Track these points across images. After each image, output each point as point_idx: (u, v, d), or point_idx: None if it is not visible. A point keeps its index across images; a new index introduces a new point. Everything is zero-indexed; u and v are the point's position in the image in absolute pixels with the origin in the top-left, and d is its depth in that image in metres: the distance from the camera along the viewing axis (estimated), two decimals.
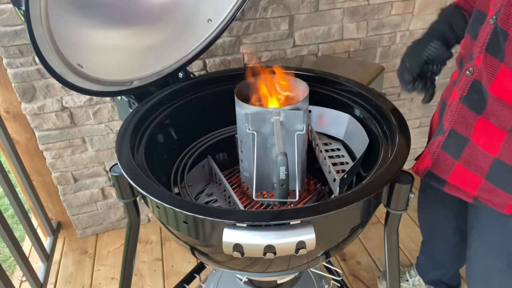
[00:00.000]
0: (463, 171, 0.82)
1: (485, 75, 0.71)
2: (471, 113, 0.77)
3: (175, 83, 0.99)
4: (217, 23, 1.01)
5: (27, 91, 1.33)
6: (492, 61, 0.69)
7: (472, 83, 0.75)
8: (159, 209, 0.70)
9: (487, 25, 0.70)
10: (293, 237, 0.60)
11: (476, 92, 0.74)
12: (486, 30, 0.70)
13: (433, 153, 0.86)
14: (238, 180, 1.00)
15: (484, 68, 0.71)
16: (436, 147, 0.85)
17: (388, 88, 1.75)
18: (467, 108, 0.77)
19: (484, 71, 0.71)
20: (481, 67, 0.71)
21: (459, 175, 0.83)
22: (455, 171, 0.84)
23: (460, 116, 0.79)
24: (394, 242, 0.79)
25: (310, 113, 0.96)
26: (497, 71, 0.68)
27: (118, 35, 0.91)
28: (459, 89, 0.78)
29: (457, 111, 0.79)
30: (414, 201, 1.45)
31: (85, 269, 1.60)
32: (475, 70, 0.74)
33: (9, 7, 1.19)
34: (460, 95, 0.78)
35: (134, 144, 0.81)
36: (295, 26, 1.47)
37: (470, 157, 0.80)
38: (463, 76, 0.77)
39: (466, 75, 0.76)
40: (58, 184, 1.57)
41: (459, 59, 0.85)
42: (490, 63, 0.69)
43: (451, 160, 0.83)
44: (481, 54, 0.71)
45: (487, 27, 0.70)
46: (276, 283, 1.03)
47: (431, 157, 0.87)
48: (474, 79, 0.74)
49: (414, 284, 1.41)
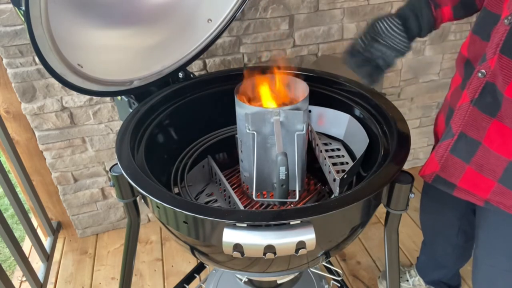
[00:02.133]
0: (474, 175, 0.81)
1: (501, 77, 0.69)
2: (483, 116, 0.75)
3: (175, 83, 0.99)
4: (217, 23, 1.01)
5: (27, 91, 1.33)
6: (508, 63, 0.68)
7: (484, 86, 0.73)
8: (159, 209, 0.70)
9: (501, 25, 0.68)
10: (293, 237, 0.60)
11: (489, 95, 0.73)
12: (500, 31, 0.68)
13: (440, 157, 0.84)
14: (238, 180, 1.00)
15: (499, 70, 0.69)
16: (444, 151, 0.83)
17: (388, 88, 1.75)
18: (479, 111, 0.75)
19: (500, 73, 0.69)
20: (495, 68, 0.70)
21: (470, 179, 0.82)
22: (465, 175, 0.82)
23: (471, 119, 0.77)
24: (394, 242, 0.79)
25: (310, 113, 0.96)
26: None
27: (118, 35, 0.91)
28: (470, 92, 0.76)
29: (467, 114, 0.77)
30: (414, 201, 1.45)
31: (85, 269, 1.60)
32: (488, 72, 0.72)
33: (9, 7, 1.19)
34: (471, 98, 0.76)
35: (134, 144, 0.81)
36: (295, 26, 1.47)
37: (482, 161, 0.78)
38: (474, 78, 0.75)
39: (477, 77, 0.74)
40: (58, 184, 1.57)
41: (463, 62, 0.83)
42: (505, 65, 0.68)
43: (461, 164, 0.81)
44: (496, 56, 0.69)
45: (502, 28, 0.68)
46: (276, 283, 1.03)
47: (438, 161, 0.85)
48: (487, 81, 0.72)
49: (414, 284, 1.41)
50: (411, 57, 1.69)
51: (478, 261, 0.99)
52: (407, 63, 1.70)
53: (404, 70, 1.72)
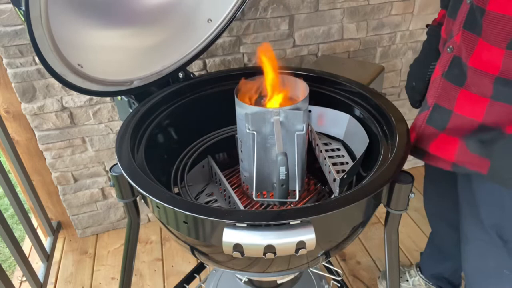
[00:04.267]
0: (443, 139, 0.85)
1: (464, 50, 0.76)
2: (453, 87, 0.81)
3: (175, 83, 0.99)
4: (217, 23, 1.01)
5: (27, 91, 1.33)
6: (470, 36, 0.75)
7: (452, 59, 0.80)
8: (159, 209, 0.70)
9: (464, 5, 0.76)
10: (293, 237, 0.60)
11: (457, 67, 0.79)
12: (463, 10, 0.76)
13: (418, 127, 0.89)
14: (238, 180, 1.00)
15: (463, 44, 0.76)
16: (421, 122, 0.88)
17: (388, 88, 1.75)
18: (449, 82, 0.82)
19: (463, 47, 0.76)
20: (460, 43, 0.77)
21: (439, 144, 0.86)
22: (435, 141, 0.86)
23: (443, 90, 0.83)
24: (394, 242, 0.79)
25: (310, 113, 0.96)
26: (475, 45, 0.74)
27: (118, 35, 0.91)
28: (441, 66, 0.83)
29: (440, 87, 0.84)
30: (414, 201, 1.45)
31: (85, 269, 1.60)
32: (454, 47, 0.79)
33: (9, 7, 1.19)
34: (442, 71, 0.83)
35: (134, 144, 0.81)
36: (295, 26, 1.47)
37: (455, 127, 0.83)
38: (444, 54, 0.82)
39: (447, 52, 0.81)
40: (58, 184, 1.57)
41: (443, 44, 0.90)
42: (468, 38, 0.75)
43: (434, 132, 0.87)
44: (460, 31, 0.77)
45: (464, 7, 0.76)
46: (276, 283, 1.03)
47: (416, 132, 0.89)
48: (454, 55, 0.79)
49: (414, 284, 1.41)
50: (411, 57, 1.69)
51: (467, 237, 1.00)
52: (407, 63, 1.70)
53: (404, 70, 1.72)
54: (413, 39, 1.65)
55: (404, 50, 1.67)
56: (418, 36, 1.65)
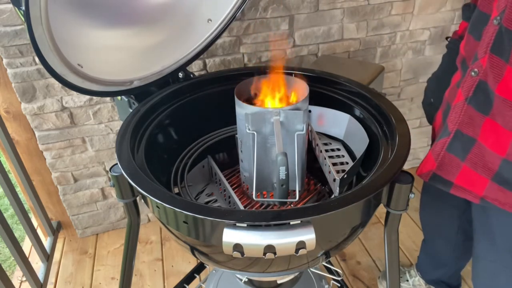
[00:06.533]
0: (469, 172, 0.81)
1: (491, 76, 0.71)
2: (478, 114, 0.76)
3: (175, 83, 0.99)
4: (217, 23, 1.01)
5: (27, 91, 1.33)
6: (498, 62, 0.69)
7: (477, 84, 0.75)
8: (159, 209, 0.70)
9: (491, 26, 0.70)
10: (293, 237, 0.60)
11: (482, 93, 0.74)
12: (490, 31, 0.70)
13: (437, 155, 0.85)
14: (238, 180, 1.00)
15: (489, 69, 0.71)
16: (440, 149, 0.84)
17: (388, 88, 1.75)
18: (474, 109, 0.77)
19: (490, 72, 0.71)
20: (487, 67, 0.71)
21: (466, 176, 0.82)
22: (461, 172, 0.83)
23: (467, 117, 0.78)
24: (394, 242, 0.79)
25: (310, 113, 0.96)
26: (503, 72, 0.68)
27: (118, 35, 0.91)
28: (464, 90, 0.77)
29: (462, 112, 0.78)
30: (414, 201, 1.45)
31: (85, 269, 1.60)
32: (480, 71, 0.73)
33: (9, 7, 1.19)
34: (465, 96, 0.77)
35: (134, 144, 0.81)
36: (295, 26, 1.47)
37: (476, 158, 0.79)
38: (467, 77, 0.76)
39: (471, 76, 0.75)
40: (58, 184, 1.57)
41: (460, 60, 0.85)
42: (496, 64, 0.69)
43: (457, 162, 0.82)
44: (486, 55, 0.71)
45: (491, 28, 0.70)
46: (276, 283, 1.03)
47: (435, 159, 0.85)
48: (479, 80, 0.74)
49: (414, 284, 1.41)
50: (411, 57, 1.69)
51: (480, 257, 0.98)
52: (407, 63, 1.70)
53: (404, 70, 1.72)
54: (413, 39, 1.65)
55: (404, 50, 1.67)
56: (418, 36, 1.65)
